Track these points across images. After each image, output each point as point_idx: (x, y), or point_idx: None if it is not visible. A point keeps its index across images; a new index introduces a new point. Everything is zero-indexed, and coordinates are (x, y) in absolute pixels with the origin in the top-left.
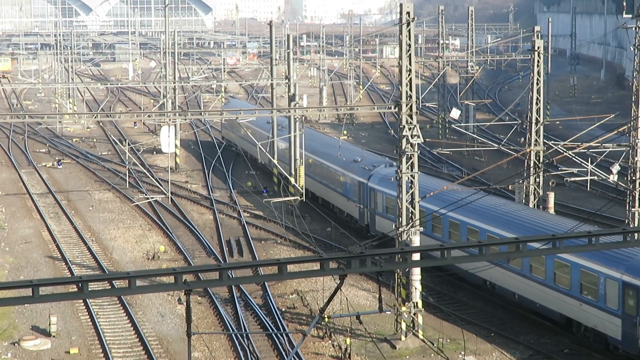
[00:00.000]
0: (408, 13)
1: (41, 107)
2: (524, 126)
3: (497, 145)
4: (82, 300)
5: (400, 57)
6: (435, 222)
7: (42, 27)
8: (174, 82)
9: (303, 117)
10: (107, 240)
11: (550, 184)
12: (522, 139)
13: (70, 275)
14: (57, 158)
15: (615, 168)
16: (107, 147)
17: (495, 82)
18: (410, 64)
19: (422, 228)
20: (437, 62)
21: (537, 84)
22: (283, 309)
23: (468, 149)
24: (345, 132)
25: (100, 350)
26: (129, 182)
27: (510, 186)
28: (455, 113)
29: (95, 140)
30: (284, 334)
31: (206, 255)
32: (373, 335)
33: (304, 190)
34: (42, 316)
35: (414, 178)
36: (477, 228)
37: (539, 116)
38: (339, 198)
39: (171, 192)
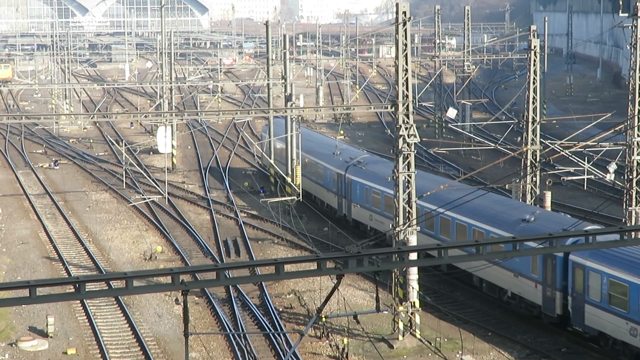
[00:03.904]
0: (404, 12)
1: (38, 108)
2: (521, 125)
3: (493, 145)
4: (79, 301)
5: (397, 57)
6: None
7: (39, 28)
8: (171, 83)
9: (300, 117)
10: (104, 241)
11: (547, 183)
12: (519, 138)
13: (67, 276)
14: (53, 159)
15: (612, 167)
16: (103, 147)
17: (491, 81)
18: (406, 64)
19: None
20: (433, 61)
21: (534, 83)
22: (280, 309)
23: (465, 148)
24: (342, 131)
25: (98, 351)
26: (125, 182)
27: (507, 185)
28: (451, 112)
29: (91, 140)
30: (281, 334)
31: (203, 256)
32: (370, 334)
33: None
34: (39, 317)
35: (410, 177)
36: None
37: (536, 115)
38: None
39: (168, 193)
